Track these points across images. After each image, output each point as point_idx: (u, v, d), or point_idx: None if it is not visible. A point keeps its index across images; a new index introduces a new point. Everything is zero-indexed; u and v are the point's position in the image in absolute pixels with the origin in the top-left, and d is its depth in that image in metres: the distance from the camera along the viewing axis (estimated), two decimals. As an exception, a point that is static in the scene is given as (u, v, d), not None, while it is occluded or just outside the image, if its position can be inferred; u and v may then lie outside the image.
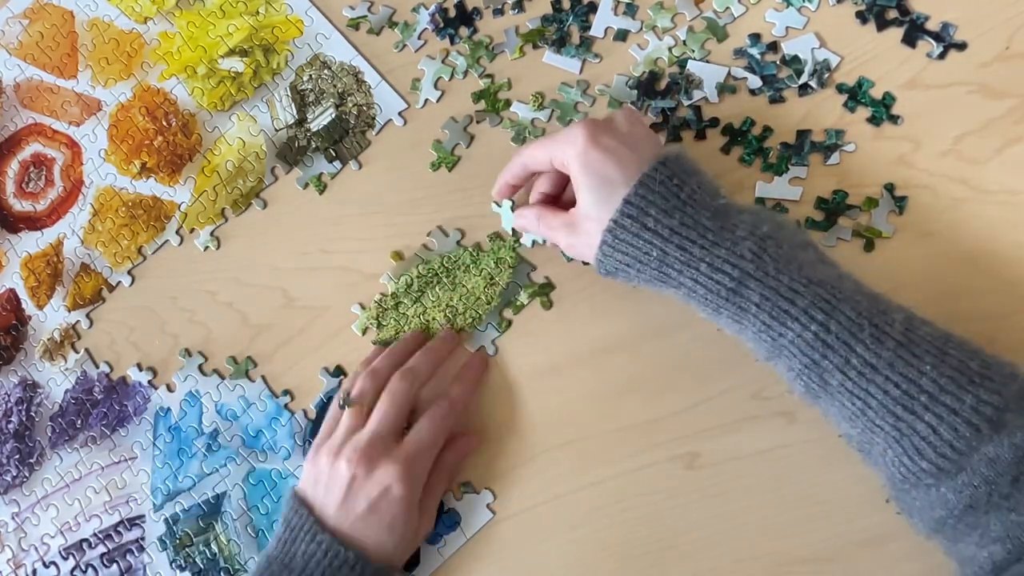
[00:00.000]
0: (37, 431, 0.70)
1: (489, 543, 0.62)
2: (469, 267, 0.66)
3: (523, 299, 0.65)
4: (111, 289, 0.72)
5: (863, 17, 0.65)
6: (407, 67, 0.71)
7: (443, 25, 0.71)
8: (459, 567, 0.62)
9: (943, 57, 0.63)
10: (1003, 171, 0.60)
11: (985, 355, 0.48)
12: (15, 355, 0.72)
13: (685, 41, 0.67)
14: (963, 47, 0.63)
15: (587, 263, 0.64)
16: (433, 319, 0.66)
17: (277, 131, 0.72)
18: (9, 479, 0.70)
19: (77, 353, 0.71)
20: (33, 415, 0.71)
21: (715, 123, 0.65)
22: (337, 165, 0.70)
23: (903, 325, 0.48)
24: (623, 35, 0.68)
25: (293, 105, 0.72)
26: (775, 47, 0.66)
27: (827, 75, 0.64)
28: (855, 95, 0.64)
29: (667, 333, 0.62)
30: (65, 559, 0.67)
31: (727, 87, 0.66)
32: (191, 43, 0.75)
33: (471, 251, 0.66)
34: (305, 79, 0.73)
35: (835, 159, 0.63)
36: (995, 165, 0.60)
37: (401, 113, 0.70)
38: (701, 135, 0.65)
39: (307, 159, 0.71)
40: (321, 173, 0.71)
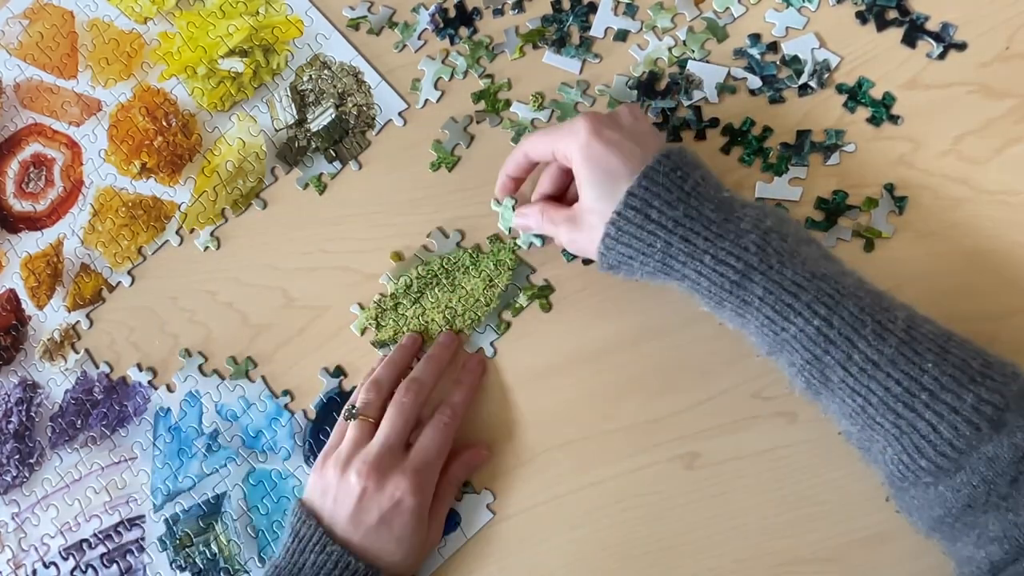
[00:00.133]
0: (37, 431, 0.70)
1: (489, 543, 0.62)
2: (468, 269, 0.66)
3: (522, 301, 0.65)
4: (111, 289, 0.72)
5: (863, 17, 0.65)
6: (407, 67, 0.71)
7: (443, 25, 0.71)
8: (459, 567, 0.62)
9: (943, 57, 0.63)
10: (1003, 171, 0.60)
11: (987, 355, 0.48)
12: (15, 355, 0.72)
13: (685, 41, 0.67)
14: (963, 47, 0.63)
15: (588, 262, 0.64)
16: (432, 320, 0.66)
17: (277, 131, 0.72)
18: (9, 479, 0.70)
19: (77, 353, 0.71)
20: (33, 415, 0.71)
21: (715, 123, 0.65)
22: (337, 165, 0.70)
23: (905, 323, 0.48)
24: (623, 35, 0.68)
25: (293, 105, 0.72)
26: (775, 47, 0.66)
27: (827, 75, 0.64)
28: (855, 95, 0.64)
29: (667, 333, 0.62)
30: (65, 559, 0.67)
31: (727, 87, 0.66)
32: (191, 43, 0.75)
33: (471, 253, 0.66)
34: (305, 79, 0.73)
35: (835, 159, 0.63)
36: (995, 165, 0.60)
37: (401, 113, 0.70)
38: (701, 135, 0.65)
39: (307, 159, 0.71)
40: (321, 173, 0.71)
